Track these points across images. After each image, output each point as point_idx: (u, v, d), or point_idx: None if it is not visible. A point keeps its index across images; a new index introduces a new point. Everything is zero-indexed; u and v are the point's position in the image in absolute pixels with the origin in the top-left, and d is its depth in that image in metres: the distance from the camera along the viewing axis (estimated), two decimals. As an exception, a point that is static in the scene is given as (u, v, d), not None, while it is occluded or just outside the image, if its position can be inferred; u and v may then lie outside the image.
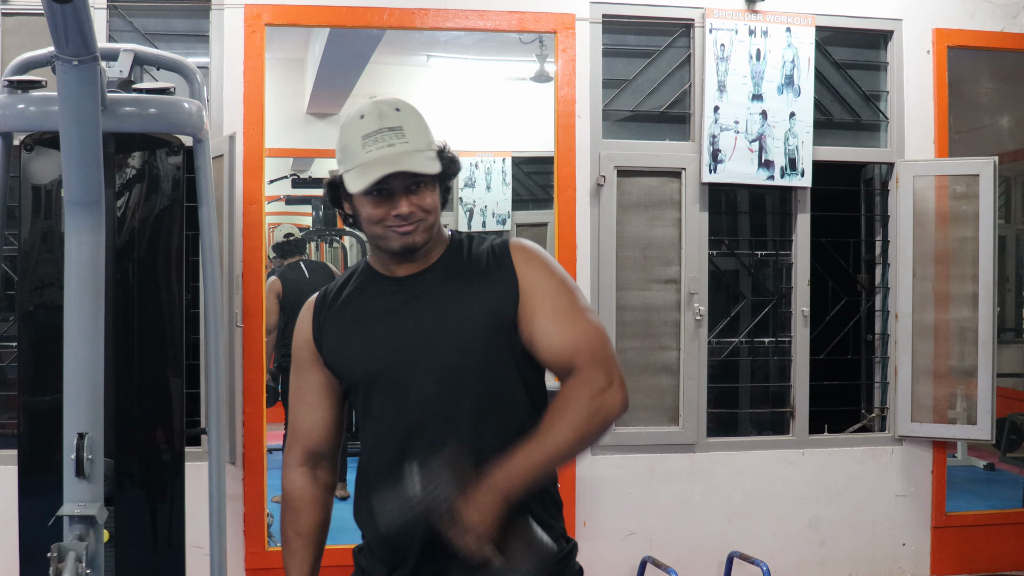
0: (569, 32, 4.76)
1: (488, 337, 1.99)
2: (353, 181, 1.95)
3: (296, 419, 2.14)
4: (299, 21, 4.74)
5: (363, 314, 2.07)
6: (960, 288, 5.04)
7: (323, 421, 2.13)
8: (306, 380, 2.13)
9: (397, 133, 1.94)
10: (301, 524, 2.15)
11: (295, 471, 2.15)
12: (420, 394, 1.99)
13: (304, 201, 10.08)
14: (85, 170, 2.52)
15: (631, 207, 4.89)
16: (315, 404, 2.12)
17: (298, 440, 2.14)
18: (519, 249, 2.06)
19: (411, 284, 2.05)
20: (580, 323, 2.00)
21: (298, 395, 2.14)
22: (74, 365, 2.62)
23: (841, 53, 5.14)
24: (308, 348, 2.11)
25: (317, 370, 2.11)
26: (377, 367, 2.02)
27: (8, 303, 4.47)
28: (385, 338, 2.02)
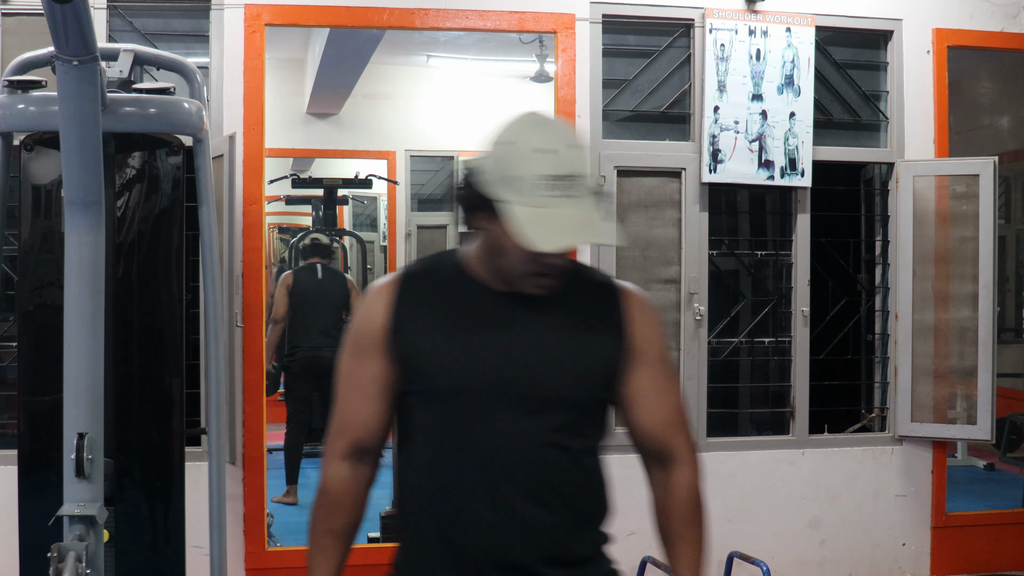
0: (569, 32, 4.76)
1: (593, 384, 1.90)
2: (534, 230, 1.74)
3: (348, 408, 1.94)
4: (299, 21, 4.74)
5: (459, 319, 1.89)
6: (960, 288, 5.04)
7: (378, 415, 1.93)
8: (367, 369, 1.91)
9: (579, 185, 1.78)
10: (337, 521, 1.95)
11: (340, 463, 1.94)
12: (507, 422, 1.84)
13: (304, 201, 10.08)
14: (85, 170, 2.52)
15: (631, 207, 4.89)
16: (373, 396, 1.92)
17: (347, 431, 1.94)
18: (636, 301, 1.95)
19: (518, 303, 1.88)
20: (677, 401, 1.98)
21: (354, 383, 1.93)
22: (74, 365, 2.62)
23: (841, 53, 5.14)
24: (378, 336, 1.89)
25: (382, 361, 1.89)
26: (465, 381, 1.85)
27: (8, 303, 4.47)
28: (482, 352, 1.86)
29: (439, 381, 1.86)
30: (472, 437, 1.85)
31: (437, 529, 1.87)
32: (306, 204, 10.19)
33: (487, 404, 1.84)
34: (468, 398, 1.85)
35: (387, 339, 1.89)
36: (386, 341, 1.89)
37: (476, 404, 1.85)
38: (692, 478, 1.99)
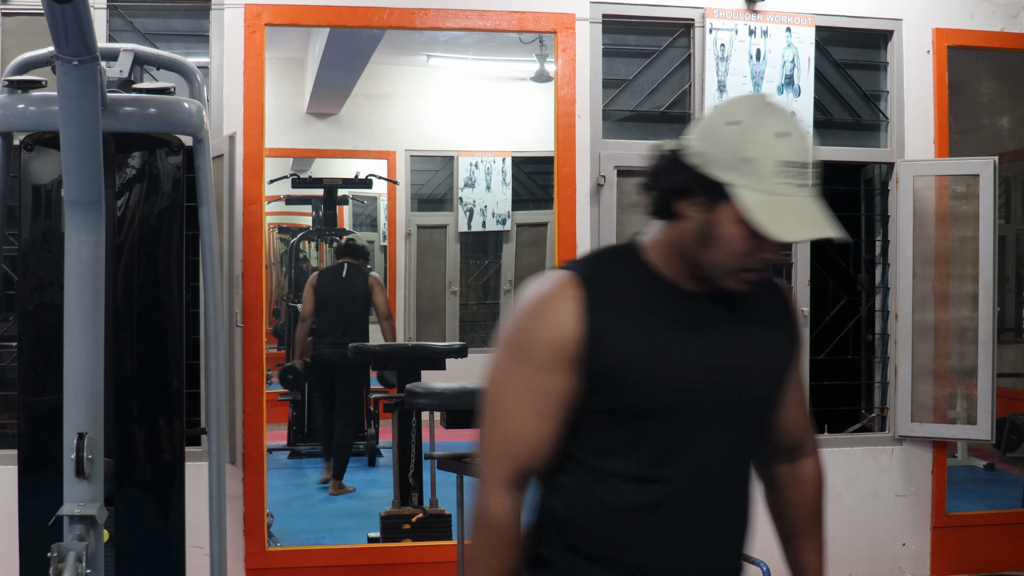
0: (569, 32, 4.76)
1: (781, 385, 1.82)
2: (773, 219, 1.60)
3: (516, 429, 1.70)
4: (299, 21, 4.74)
5: (663, 325, 1.71)
6: (960, 288, 5.04)
7: (550, 436, 1.70)
8: (545, 384, 1.68)
9: (810, 175, 1.64)
10: (504, 560, 1.72)
11: (505, 493, 1.71)
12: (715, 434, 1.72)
13: (304, 201, 10.09)
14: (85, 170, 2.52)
15: (631, 207, 4.88)
16: (549, 415, 1.69)
17: (515, 455, 1.70)
18: (790, 294, 1.88)
19: (712, 304, 1.74)
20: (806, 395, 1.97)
21: (526, 399, 1.69)
22: (74, 365, 2.62)
23: (841, 53, 5.14)
24: (564, 347, 1.67)
25: (568, 376, 1.68)
26: (680, 395, 1.69)
27: (8, 303, 4.47)
28: (695, 361, 1.71)
29: (650, 396, 1.68)
30: (681, 453, 1.71)
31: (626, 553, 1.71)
32: (306, 204, 10.20)
33: (699, 416, 1.70)
34: (681, 412, 1.70)
35: (580, 351, 1.67)
36: (577, 354, 1.67)
37: (688, 417, 1.70)
38: (820, 469, 1.97)
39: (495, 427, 1.72)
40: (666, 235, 1.74)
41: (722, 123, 1.65)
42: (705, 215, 1.66)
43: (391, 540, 5.01)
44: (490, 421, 1.73)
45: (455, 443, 4.28)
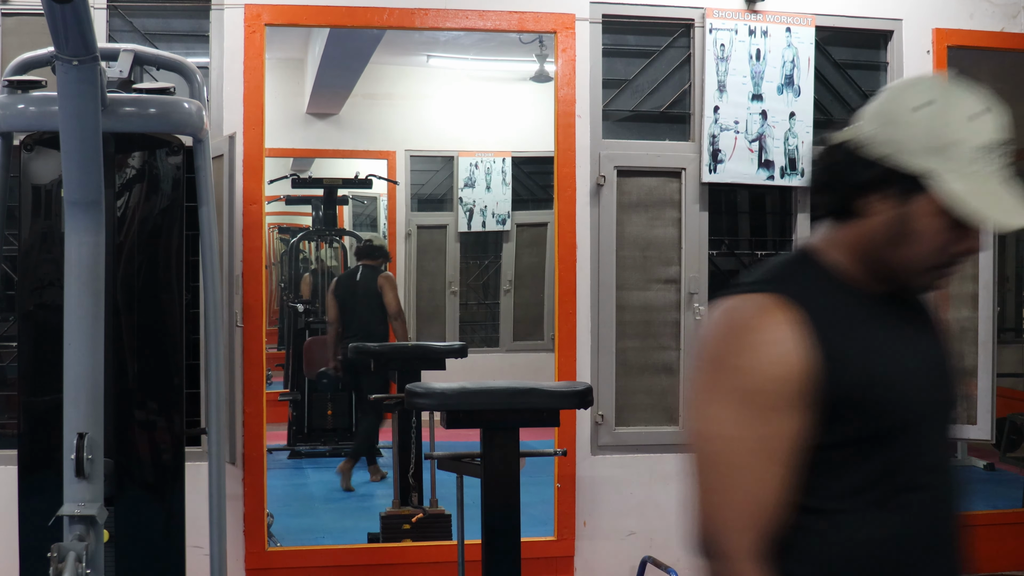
0: (569, 32, 4.76)
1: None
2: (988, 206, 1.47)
3: (756, 488, 1.48)
4: (299, 21, 4.74)
5: (886, 335, 1.58)
6: (960, 288, 5.03)
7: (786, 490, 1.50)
8: (779, 429, 1.48)
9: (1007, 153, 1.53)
10: None
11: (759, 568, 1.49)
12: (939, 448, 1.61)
13: (304, 201, 10.09)
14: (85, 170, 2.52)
15: (631, 207, 4.89)
16: (786, 463, 1.49)
17: (759, 520, 1.49)
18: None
19: (904, 309, 1.64)
20: None
21: (762, 451, 1.48)
22: (74, 365, 2.63)
23: (841, 53, 5.14)
24: (793, 381, 1.48)
25: (799, 413, 1.48)
26: (922, 407, 1.57)
27: (8, 303, 4.47)
28: (917, 372, 1.58)
29: (901, 412, 1.54)
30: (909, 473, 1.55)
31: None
32: (306, 204, 10.21)
33: (927, 430, 1.58)
34: (916, 428, 1.56)
35: (813, 381, 1.48)
36: (811, 385, 1.48)
37: (920, 434, 1.57)
38: None
39: (727, 492, 1.50)
40: (848, 236, 1.58)
41: (908, 108, 1.51)
42: (898, 209, 1.51)
43: (391, 540, 5.02)
44: (719, 486, 1.51)
45: (455, 443, 4.28)
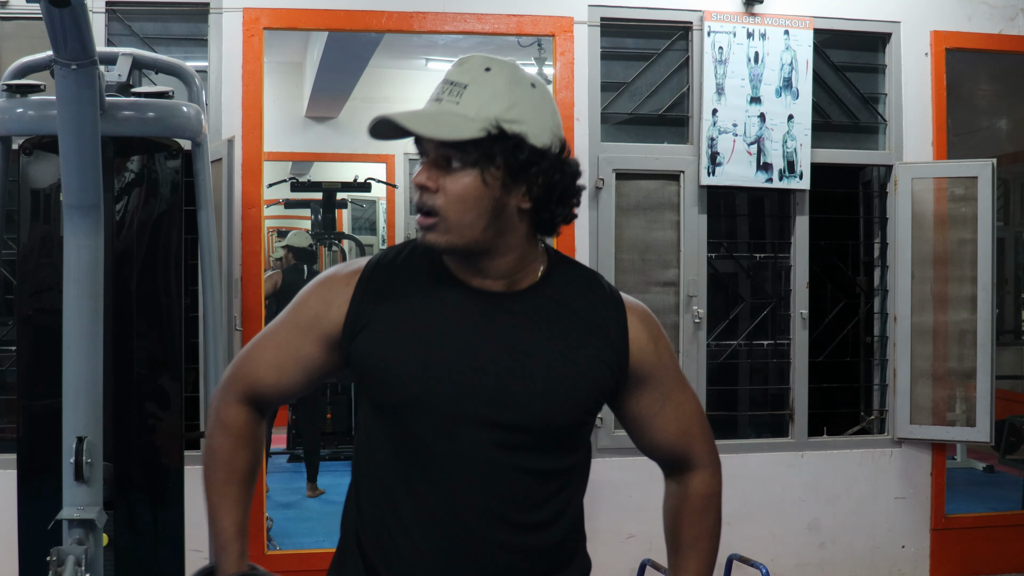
0: (567, 35, 4.77)
1: (576, 406, 1.67)
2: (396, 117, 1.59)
3: (258, 366, 1.76)
4: (297, 25, 4.74)
5: (422, 320, 1.65)
6: (959, 290, 5.04)
7: (286, 388, 1.75)
8: (296, 346, 1.72)
9: (456, 90, 1.57)
10: (240, 462, 1.75)
11: (236, 405, 1.76)
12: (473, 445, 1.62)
13: (303, 205, 10.09)
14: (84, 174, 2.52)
15: (630, 210, 4.89)
16: (290, 370, 1.74)
17: (249, 383, 1.76)
18: (639, 319, 1.73)
19: (492, 304, 1.66)
20: (693, 410, 1.82)
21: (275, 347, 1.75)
22: (73, 369, 2.63)
23: (839, 56, 5.15)
24: (326, 325, 1.69)
25: (319, 349, 1.71)
26: (424, 393, 1.62)
27: (7, 307, 4.47)
28: (443, 359, 1.63)
29: (391, 392, 1.64)
30: (425, 458, 1.63)
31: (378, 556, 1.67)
32: (305, 208, 10.21)
33: (443, 420, 1.62)
34: (423, 412, 1.62)
35: (338, 336, 1.68)
36: (336, 337, 1.69)
37: (431, 419, 1.62)
38: (711, 486, 1.83)
39: (250, 350, 1.78)
40: None
41: None
42: None
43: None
44: (251, 342, 1.79)
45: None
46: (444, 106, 1.58)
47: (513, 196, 1.60)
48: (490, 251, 1.63)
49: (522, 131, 1.57)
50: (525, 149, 1.57)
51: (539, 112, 1.60)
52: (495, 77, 1.58)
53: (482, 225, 1.59)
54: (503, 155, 1.57)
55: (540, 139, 1.59)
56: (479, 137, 1.55)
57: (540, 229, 1.66)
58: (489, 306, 1.65)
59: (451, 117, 1.56)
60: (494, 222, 1.60)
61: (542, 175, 1.60)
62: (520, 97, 1.59)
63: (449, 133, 1.55)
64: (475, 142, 1.56)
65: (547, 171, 1.60)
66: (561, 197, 1.63)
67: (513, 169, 1.58)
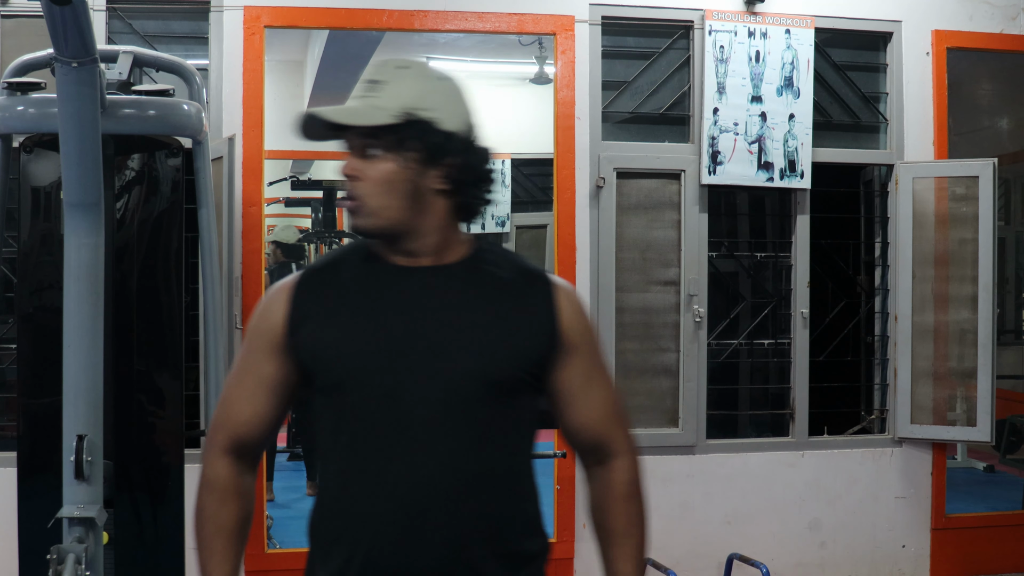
0: (568, 34, 4.76)
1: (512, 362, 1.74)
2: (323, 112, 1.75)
3: (232, 406, 1.83)
4: (298, 23, 4.74)
5: (357, 303, 1.76)
6: (960, 290, 5.04)
7: (264, 416, 1.82)
8: (256, 369, 1.80)
9: (374, 87, 1.72)
10: (225, 518, 1.82)
11: (221, 459, 1.83)
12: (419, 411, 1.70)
13: (303, 203, 10.08)
14: (84, 172, 2.52)
15: (630, 209, 4.88)
16: (260, 396, 1.81)
17: (230, 428, 1.83)
18: (567, 295, 1.81)
19: (418, 276, 1.76)
20: (612, 395, 1.87)
21: (241, 382, 1.83)
22: (73, 367, 2.62)
23: (840, 55, 5.14)
24: (272, 335, 1.78)
25: (275, 362, 1.79)
26: (364, 365, 1.71)
27: (7, 305, 4.47)
28: (378, 332, 1.72)
29: (331, 373, 1.73)
30: (372, 433, 1.71)
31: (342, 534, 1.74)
32: (305, 206, 10.20)
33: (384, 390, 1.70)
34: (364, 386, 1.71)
35: (284, 339, 1.78)
36: (283, 341, 1.78)
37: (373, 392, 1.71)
38: (632, 472, 1.88)
39: (221, 400, 1.87)
40: None
41: None
42: None
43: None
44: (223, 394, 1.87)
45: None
46: (363, 101, 1.72)
47: (429, 179, 1.73)
48: (412, 232, 1.75)
49: (433, 117, 1.71)
50: (435, 133, 1.71)
51: (449, 100, 1.75)
52: (407, 73, 1.74)
53: (401, 206, 1.72)
54: (416, 139, 1.71)
55: (450, 124, 1.73)
56: (393, 123, 1.69)
57: (459, 212, 1.78)
58: (418, 277, 1.76)
59: (368, 108, 1.70)
60: (413, 204, 1.73)
61: (454, 157, 1.73)
62: (431, 88, 1.74)
63: (365, 120, 1.70)
64: (390, 128, 1.70)
65: (458, 154, 1.74)
66: (474, 180, 1.76)
67: (426, 152, 1.71)
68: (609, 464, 1.87)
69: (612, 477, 1.87)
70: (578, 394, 1.83)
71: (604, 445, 1.86)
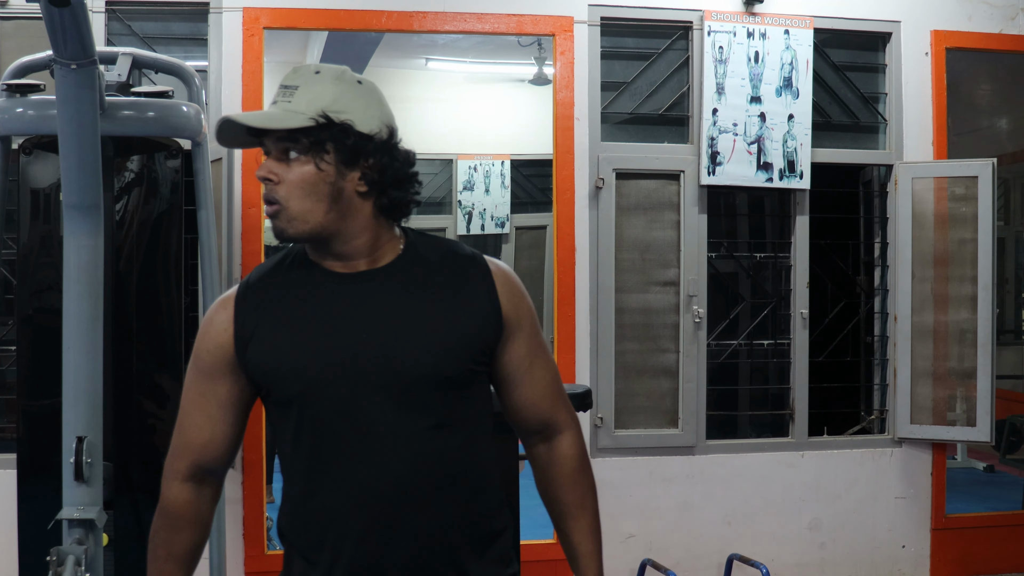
0: (567, 35, 4.77)
1: (460, 355, 1.76)
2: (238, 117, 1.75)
3: (190, 430, 1.83)
4: (297, 24, 4.74)
5: (304, 315, 1.76)
6: (959, 290, 5.04)
7: (223, 437, 1.83)
8: (211, 389, 1.80)
9: (289, 92, 1.73)
10: (178, 545, 1.85)
11: (180, 485, 1.84)
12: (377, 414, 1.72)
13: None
14: (84, 174, 2.52)
15: (630, 210, 4.89)
16: (217, 418, 1.81)
17: (189, 452, 1.83)
18: (503, 276, 1.84)
19: (362, 282, 1.77)
20: (554, 373, 1.90)
21: (197, 404, 1.82)
22: (73, 369, 2.62)
23: (839, 55, 5.14)
24: (221, 353, 1.78)
25: (228, 380, 1.80)
26: (319, 377, 1.72)
27: (7, 307, 4.47)
28: (328, 344, 1.73)
29: (292, 384, 1.74)
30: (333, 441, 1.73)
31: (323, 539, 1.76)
32: (305, 207, 10.19)
33: (351, 399, 1.72)
34: (328, 396, 1.73)
35: (233, 356, 1.78)
36: (230, 356, 1.79)
37: (338, 401, 1.72)
38: (578, 446, 1.91)
39: (177, 426, 1.86)
40: None
41: None
42: None
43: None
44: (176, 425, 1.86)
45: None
46: (279, 106, 1.73)
47: (348, 181, 1.74)
48: (339, 235, 1.75)
49: (348, 119, 1.71)
50: (352, 135, 1.72)
51: (365, 103, 1.76)
52: (322, 78, 1.74)
53: (323, 209, 1.73)
54: (332, 141, 1.71)
55: (367, 126, 1.73)
56: (308, 126, 1.70)
57: (385, 213, 1.78)
58: (358, 284, 1.77)
59: (283, 113, 1.71)
60: (334, 206, 1.73)
61: (372, 159, 1.74)
62: (345, 91, 1.74)
63: (280, 123, 1.70)
64: (306, 131, 1.70)
65: (376, 155, 1.74)
66: (395, 181, 1.77)
67: (344, 154, 1.72)
68: (555, 440, 1.90)
69: (560, 452, 1.90)
70: (522, 374, 1.86)
71: (549, 422, 1.89)
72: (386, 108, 1.80)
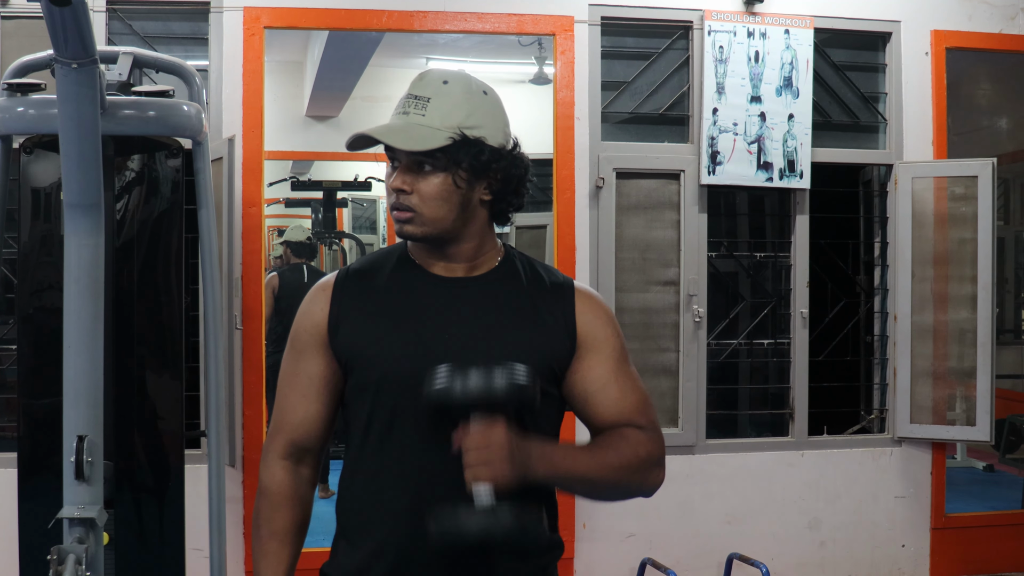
0: (568, 34, 4.77)
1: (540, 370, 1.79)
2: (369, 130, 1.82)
3: (286, 409, 1.91)
4: (298, 24, 4.74)
5: (395, 308, 1.85)
6: (959, 290, 5.04)
7: (317, 416, 1.90)
8: (306, 368, 1.89)
9: (420, 104, 1.80)
10: (279, 522, 1.92)
11: (277, 464, 1.92)
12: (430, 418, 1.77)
13: (303, 204, 10.08)
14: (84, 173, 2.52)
15: (630, 209, 4.89)
16: (311, 396, 1.89)
17: (285, 431, 1.91)
18: (586, 297, 1.90)
19: (455, 287, 1.86)
20: (638, 390, 1.90)
21: (292, 383, 1.91)
22: (74, 368, 2.62)
23: (840, 55, 5.15)
24: (317, 333, 1.87)
25: (321, 360, 1.88)
26: (397, 369, 1.80)
27: (8, 306, 4.47)
28: (417, 340, 1.81)
29: (369, 371, 1.82)
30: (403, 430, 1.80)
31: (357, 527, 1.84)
32: (305, 207, 10.21)
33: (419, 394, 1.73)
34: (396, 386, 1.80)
35: (326, 337, 1.87)
36: (324, 337, 1.87)
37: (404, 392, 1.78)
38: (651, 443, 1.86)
39: (276, 406, 1.95)
40: None
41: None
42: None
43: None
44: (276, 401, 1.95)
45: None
46: (412, 119, 1.80)
47: (476, 190, 1.83)
48: (457, 238, 1.85)
49: (481, 135, 1.80)
50: (485, 150, 1.81)
51: (493, 116, 1.85)
52: (453, 89, 1.82)
53: (453, 216, 1.82)
54: (467, 158, 1.80)
55: (496, 139, 1.83)
56: (446, 145, 1.78)
57: (496, 218, 1.89)
58: (452, 289, 1.86)
59: (420, 129, 1.78)
60: (462, 213, 1.83)
61: (500, 171, 1.84)
62: (477, 105, 1.83)
63: (422, 144, 1.78)
64: (443, 149, 1.78)
65: (504, 167, 1.84)
66: (516, 188, 1.87)
67: (476, 168, 1.81)
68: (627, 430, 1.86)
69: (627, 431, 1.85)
70: (595, 392, 1.87)
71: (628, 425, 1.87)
72: (507, 117, 1.89)
